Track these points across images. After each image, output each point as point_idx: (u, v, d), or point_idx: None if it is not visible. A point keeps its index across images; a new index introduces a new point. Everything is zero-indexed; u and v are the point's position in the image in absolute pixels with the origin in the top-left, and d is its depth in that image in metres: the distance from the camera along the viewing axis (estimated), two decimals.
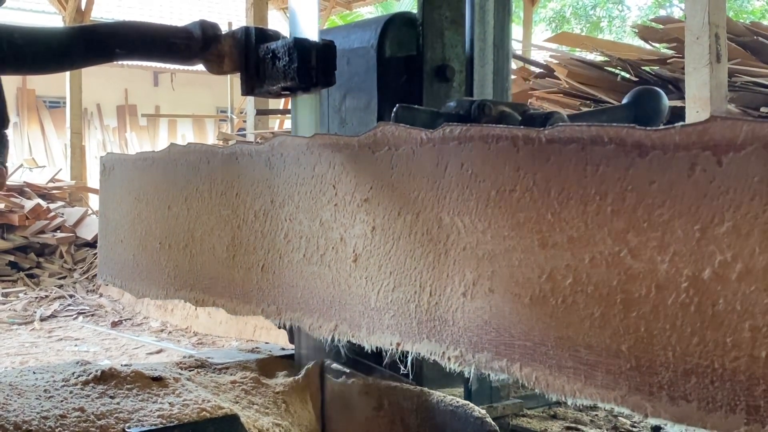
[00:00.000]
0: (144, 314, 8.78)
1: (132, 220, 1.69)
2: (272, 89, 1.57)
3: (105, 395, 1.55)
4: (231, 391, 1.70)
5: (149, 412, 1.47)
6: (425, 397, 1.59)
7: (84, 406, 1.48)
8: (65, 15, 12.24)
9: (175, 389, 1.59)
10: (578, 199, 0.92)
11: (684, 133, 0.82)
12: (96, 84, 16.38)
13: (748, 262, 0.77)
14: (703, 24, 4.83)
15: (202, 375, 1.82)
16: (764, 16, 23.41)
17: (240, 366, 1.95)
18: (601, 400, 0.91)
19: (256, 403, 1.68)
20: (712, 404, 0.81)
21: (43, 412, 1.44)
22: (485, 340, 1.03)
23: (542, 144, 0.95)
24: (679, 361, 0.83)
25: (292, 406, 1.71)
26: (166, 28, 1.60)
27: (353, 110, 1.76)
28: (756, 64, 6.52)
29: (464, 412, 1.51)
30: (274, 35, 1.62)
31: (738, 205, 0.78)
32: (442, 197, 1.08)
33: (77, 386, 1.59)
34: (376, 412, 1.66)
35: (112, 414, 1.46)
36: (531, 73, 8.51)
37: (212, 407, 1.50)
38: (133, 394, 1.56)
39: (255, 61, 1.59)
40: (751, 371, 0.78)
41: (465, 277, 1.05)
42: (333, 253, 1.25)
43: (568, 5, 26.14)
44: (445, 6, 1.72)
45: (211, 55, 1.59)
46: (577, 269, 0.92)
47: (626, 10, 26.93)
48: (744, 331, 0.78)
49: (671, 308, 0.83)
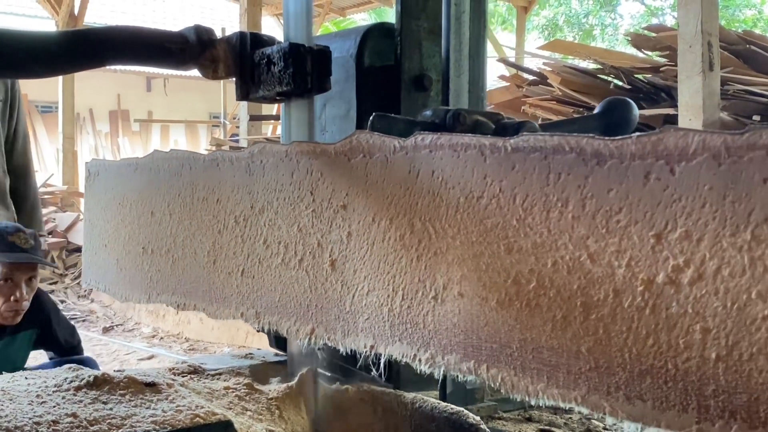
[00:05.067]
0: (135, 320, 8.78)
1: (116, 225, 1.71)
2: (267, 94, 1.57)
3: (98, 401, 1.55)
4: (224, 397, 1.71)
5: (142, 418, 1.47)
6: (420, 403, 1.62)
7: (77, 411, 1.48)
8: (58, 19, 12.26)
9: (169, 395, 1.60)
10: (541, 205, 0.95)
11: (639, 143, 0.85)
12: (88, 89, 16.39)
13: (699, 267, 0.81)
14: (696, 32, 4.87)
15: (196, 381, 1.83)
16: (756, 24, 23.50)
17: (233, 372, 1.97)
18: (562, 400, 0.94)
19: (249, 409, 1.69)
20: (666, 403, 0.84)
21: (36, 418, 1.44)
22: (454, 343, 1.06)
23: (508, 152, 0.99)
24: (635, 362, 0.86)
25: (285, 413, 1.72)
26: (160, 32, 1.60)
27: (333, 118, 1.79)
28: (748, 72, 6.57)
29: (459, 418, 1.54)
30: (269, 40, 1.62)
31: (690, 212, 0.82)
32: (414, 203, 1.11)
33: (70, 392, 1.59)
34: (371, 418, 1.69)
35: (104, 420, 1.46)
36: (524, 80, 8.55)
37: (206, 413, 1.50)
38: (126, 399, 1.56)
39: (250, 66, 1.59)
40: (701, 372, 0.81)
41: (436, 281, 1.08)
42: (310, 258, 1.28)
43: (561, 13, 26.22)
44: (423, 17, 1.75)
45: (206, 60, 1.59)
46: (540, 274, 0.95)
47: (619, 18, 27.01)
48: (695, 333, 0.81)
49: (628, 311, 0.87)
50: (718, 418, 0.80)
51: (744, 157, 0.77)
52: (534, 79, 8.29)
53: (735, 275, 0.78)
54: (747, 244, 0.77)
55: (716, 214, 0.80)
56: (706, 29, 4.86)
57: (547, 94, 7.68)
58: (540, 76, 8.12)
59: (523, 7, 14.44)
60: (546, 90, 7.78)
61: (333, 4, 15.34)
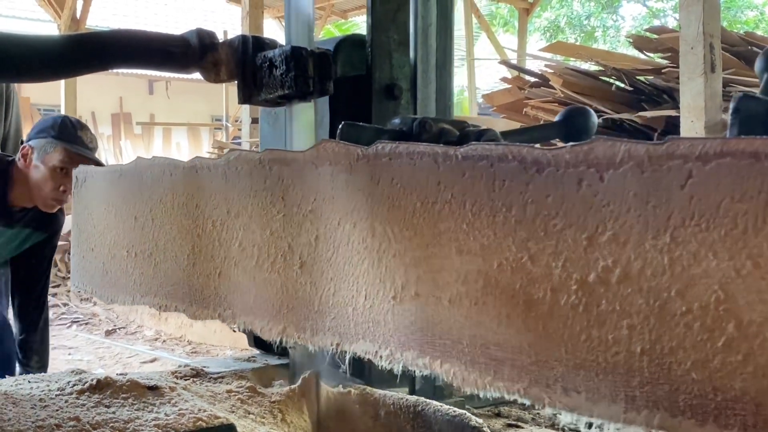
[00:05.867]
0: (138, 323, 8.81)
1: (102, 230, 1.78)
2: (269, 97, 1.59)
3: (101, 404, 1.56)
4: (227, 401, 1.72)
5: (145, 421, 1.48)
6: (422, 407, 1.65)
7: (79, 415, 1.49)
8: (60, 23, 12.29)
9: (171, 398, 1.62)
10: (488, 210, 1.01)
11: (573, 152, 0.92)
12: (91, 92, 16.45)
13: (625, 267, 0.87)
14: (698, 34, 4.90)
15: (198, 384, 1.84)
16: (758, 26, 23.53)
17: (236, 375, 1.98)
18: (506, 392, 1.00)
19: (252, 412, 1.70)
20: (598, 395, 0.90)
21: (39, 422, 1.45)
22: (411, 340, 1.12)
23: (458, 161, 1.05)
24: (570, 356, 0.93)
25: (288, 416, 1.73)
26: (162, 36, 1.62)
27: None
28: (750, 73, 6.60)
29: (461, 421, 1.58)
30: (270, 44, 1.64)
31: (617, 216, 0.88)
32: (375, 208, 1.17)
33: (72, 395, 1.60)
34: (373, 421, 1.72)
35: (107, 423, 1.47)
36: (526, 82, 8.56)
37: (208, 417, 1.52)
38: (129, 403, 1.58)
39: (252, 69, 1.61)
40: (628, 365, 0.87)
41: (395, 282, 1.14)
42: (282, 261, 1.34)
43: (563, 15, 26.25)
44: (393, 29, 1.81)
45: (208, 63, 1.61)
46: (487, 274, 1.01)
47: (620, 20, 27.07)
48: (623, 329, 0.87)
49: (564, 309, 0.93)
50: (643, 408, 0.86)
51: (664, 165, 0.84)
52: (536, 81, 8.31)
53: (657, 275, 0.84)
54: (667, 246, 0.83)
55: (640, 218, 0.86)
56: (708, 31, 4.88)
57: (549, 96, 7.70)
58: (542, 78, 8.14)
59: (525, 9, 14.49)
60: (548, 92, 7.80)
61: (335, 6, 15.42)
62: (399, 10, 1.77)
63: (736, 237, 0.78)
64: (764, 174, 0.76)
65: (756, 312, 0.77)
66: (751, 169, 0.77)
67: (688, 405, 0.82)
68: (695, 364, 0.82)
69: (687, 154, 0.82)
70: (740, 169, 0.78)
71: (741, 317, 0.78)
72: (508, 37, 21.97)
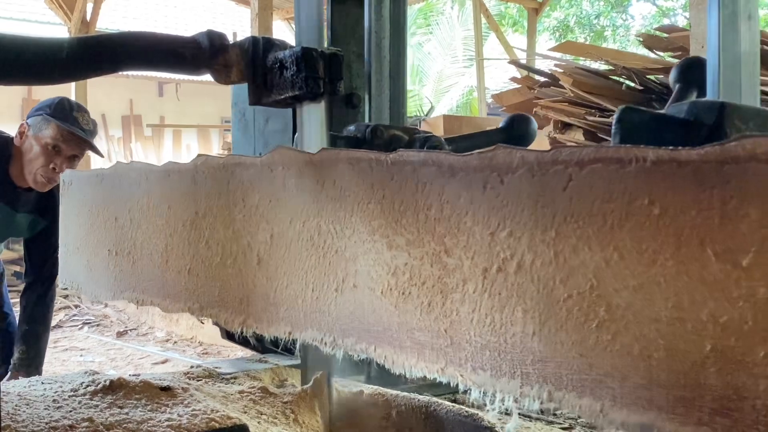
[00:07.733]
0: (149, 324, 8.87)
1: (86, 229, 1.91)
2: (280, 99, 1.60)
3: (114, 405, 1.59)
4: (239, 401, 1.75)
5: (158, 422, 1.51)
6: (434, 407, 1.70)
7: (93, 416, 1.52)
8: (70, 25, 12.31)
9: (184, 399, 1.65)
10: (413, 209, 1.13)
11: (479, 158, 1.04)
12: (101, 94, 16.57)
13: (520, 260, 0.99)
14: None
15: (210, 385, 1.87)
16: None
17: (248, 376, 2.01)
18: (428, 373, 1.12)
19: (264, 413, 1.73)
20: (499, 372, 1.02)
21: (52, 423, 1.48)
22: (350, 327, 1.24)
23: (388, 165, 1.17)
24: (477, 338, 1.04)
25: (300, 416, 1.76)
26: (173, 38, 1.62)
27: (273, 132, 1.99)
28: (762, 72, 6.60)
29: (473, 422, 1.63)
30: (281, 45, 1.64)
31: (514, 215, 1.00)
32: (321, 209, 1.29)
33: (86, 396, 1.63)
34: (385, 422, 1.78)
35: (121, 424, 1.49)
36: (536, 82, 8.50)
37: (221, 417, 1.55)
38: (142, 404, 1.60)
39: (262, 70, 1.61)
40: (523, 345, 0.99)
41: (337, 275, 1.26)
42: (242, 257, 1.46)
43: (572, 14, 26.24)
44: (352, 42, 1.94)
45: (219, 64, 1.61)
46: (412, 266, 1.13)
47: (630, 19, 27.01)
48: (518, 313, 0.99)
49: (473, 296, 1.05)
50: (535, 383, 0.98)
51: (549, 170, 0.96)
52: (545, 80, 8.24)
53: (545, 265, 0.96)
54: (553, 240, 0.95)
55: (531, 216, 0.98)
56: None
57: (558, 96, 7.65)
58: (551, 77, 8.09)
59: (534, 8, 14.49)
60: (558, 91, 7.74)
61: None
62: (356, 25, 1.89)
63: (605, 232, 0.90)
64: (627, 178, 0.88)
65: (621, 297, 0.89)
66: (616, 174, 0.89)
67: (570, 380, 0.94)
68: (576, 344, 0.94)
69: (568, 160, 0.94)
70: (609, 173, 0.90)
71: (610, 302, 0.90)
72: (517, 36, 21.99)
